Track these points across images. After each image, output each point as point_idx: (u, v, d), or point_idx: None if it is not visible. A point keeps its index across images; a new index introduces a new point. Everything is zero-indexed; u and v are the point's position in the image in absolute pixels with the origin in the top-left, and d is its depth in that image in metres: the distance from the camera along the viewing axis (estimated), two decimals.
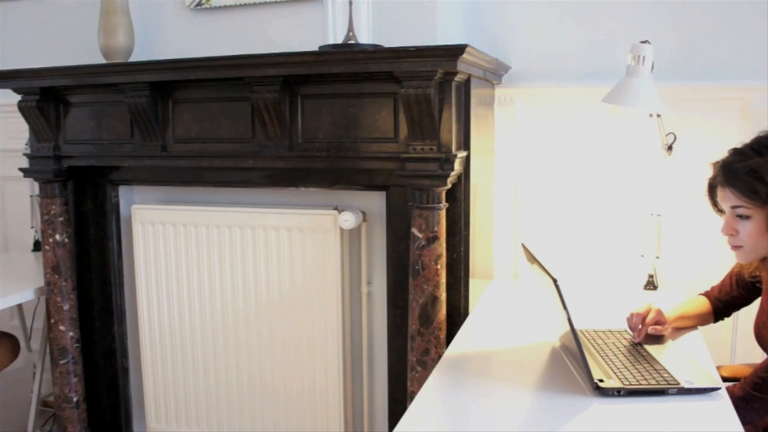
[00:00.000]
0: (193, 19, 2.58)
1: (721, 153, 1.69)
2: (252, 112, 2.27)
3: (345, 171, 2.33)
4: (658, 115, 2.30)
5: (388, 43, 2.13)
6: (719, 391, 1.49)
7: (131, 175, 2.64)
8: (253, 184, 2.48)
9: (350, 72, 2.09)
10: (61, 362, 2.67)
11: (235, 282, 2.52)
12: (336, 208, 2.39)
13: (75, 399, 2.71)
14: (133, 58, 2.58)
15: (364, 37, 2.16)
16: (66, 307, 2.64)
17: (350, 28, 2.14)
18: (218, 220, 2.50)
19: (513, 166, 2.57)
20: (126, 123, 2.45)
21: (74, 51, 2.77)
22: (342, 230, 2.36)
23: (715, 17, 2.34)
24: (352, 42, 2.13)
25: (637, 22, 2.40)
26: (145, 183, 2.67)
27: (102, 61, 2.56)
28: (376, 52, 2.04)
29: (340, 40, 2.15)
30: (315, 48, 2.16)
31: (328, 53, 2.09)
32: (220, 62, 2.20)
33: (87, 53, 2.66)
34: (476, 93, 2.23)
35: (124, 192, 2.73)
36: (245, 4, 2.50)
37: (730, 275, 1.93)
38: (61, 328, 2.65)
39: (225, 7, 2.53)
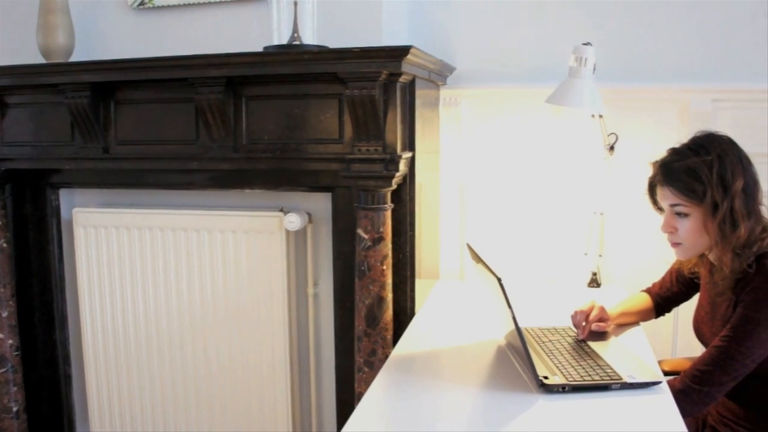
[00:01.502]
0: (136, 19, 2.54)
1: (661, 153, 1.73)
2: (196, 114, 2.24)
3: (290, 172, 2.31)
4: (600, 116, 2.33)
5: (333, 44, 2.13)
6: (660, 384, 1.52)
7: (72, 178, 2.58)
8: (197, 186, 2.45)
9: (295, 73, 2.09)
10: (0, 371, 2.60)
11: (179, 285, 2.48)
12: (281, 210, 2.37)
13: (15, 409, 2.63)
14: (73, 58, 2.52)
15: (309, 38, 2.15)
16: (5, 314, 2.57)
17: (295, 29, 2.12)
18: (162, 222, 2.47)
19: (458, 166, 2.59)
20: (66, 124, 2.40)
21: (12, 50, 2.69)
22: (288, 232, 2.35)
23: (655, 20, 2.39)
24: (297, 43, 2.12)
25: (580, 25, 2.43)
26: (86, 186, 2.62)
27: (41, 60, 2.50)
28: (321, 53, 2.04)
29: (285, 41, 2.14)
30: (260, 49, 2.15)
31: (272, 54, 2.08)
32: (163, 63, 2.17)
33: (25, 53, 2.59)
34: (421, 94, 2.24)
35: (64, 195, 2.68)
36: (189, 4, 2.46)
37: (670, 272, 1.98)
38: (0, 335, 2.58)
39: (168, 6, 2.49)
